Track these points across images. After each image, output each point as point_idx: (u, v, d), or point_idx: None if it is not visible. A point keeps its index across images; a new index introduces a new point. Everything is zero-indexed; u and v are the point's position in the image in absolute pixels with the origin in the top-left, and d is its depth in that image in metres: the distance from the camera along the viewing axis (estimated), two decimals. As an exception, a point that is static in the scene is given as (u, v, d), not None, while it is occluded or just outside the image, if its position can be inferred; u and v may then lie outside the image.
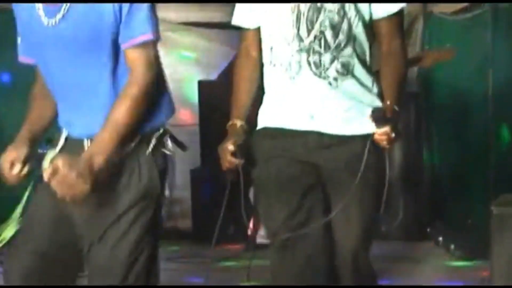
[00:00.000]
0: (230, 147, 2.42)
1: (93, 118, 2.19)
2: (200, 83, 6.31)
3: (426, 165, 6.25)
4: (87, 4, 2.20)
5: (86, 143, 2.18)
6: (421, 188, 6.19)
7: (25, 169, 2.23)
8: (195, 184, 6.31)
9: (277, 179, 2.48)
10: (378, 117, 2.33)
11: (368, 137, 2.40)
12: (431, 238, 5.77)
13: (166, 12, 5.59)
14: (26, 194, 2.38)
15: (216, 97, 2.44)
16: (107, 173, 2.12)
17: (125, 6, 2.18)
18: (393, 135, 2.32)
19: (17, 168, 2.19)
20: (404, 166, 6.07)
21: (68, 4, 2.18)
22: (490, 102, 5.56)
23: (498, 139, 5.67)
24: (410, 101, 5.99)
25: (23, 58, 2.38)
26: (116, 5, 2.17)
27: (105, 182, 2.12)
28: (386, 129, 2.31)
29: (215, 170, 2.68)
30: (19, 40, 2.38)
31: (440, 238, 5.62)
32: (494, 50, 5.54)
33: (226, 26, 4.34)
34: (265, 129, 2.52)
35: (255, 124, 2.58)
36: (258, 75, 2.59)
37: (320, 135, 2.44)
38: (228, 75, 4.16)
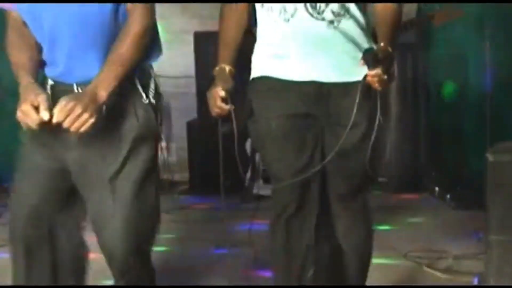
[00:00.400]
0: (221, 92, 2.41)
1: (88, 64, 2.20)
2: (196, 34, 6.30)
3: (423, 115, 6.25)
4: None
5: (76, 88, 2.19)
6: (418, 139, 6.20)
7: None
8: (191, 136, 6.33)
9: (277, 133, 2.47)
10: (370, 58, 2.29)
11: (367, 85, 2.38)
12: (428, 189, 5.83)
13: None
14: None
15: (212, 48, 2.44)
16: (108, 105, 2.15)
17: None
18: (385, 77, 2.27)
19: (45, 113, 2.09)
20: (401, 117, 6.13)
21: None
22: (487, 52, 5.57)
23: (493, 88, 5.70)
24: (407, 51, 6.01)
25: (3, 4, 2.33)
26: None
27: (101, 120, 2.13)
28: (378, 70, 2.25)
29: (211, 121, 2.66)
30: None
31: (436, 189, 5.69)
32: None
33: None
34: (265, 78, 2.50)
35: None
36: (246, 20, 2.56)
37: (319, 85, 2.42)
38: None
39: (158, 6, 2.35)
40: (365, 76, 2.28)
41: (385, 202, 5.61)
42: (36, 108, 2.06)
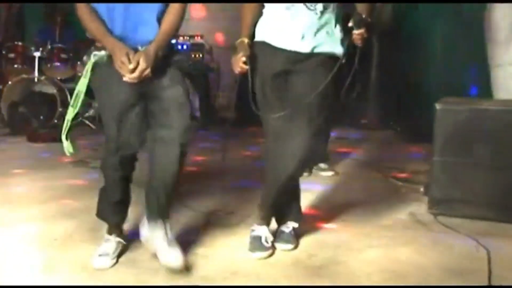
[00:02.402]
0: (242, 58, 2.38)
1: (140, 36, 2.22)
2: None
3: (395, 76, 6.17)
4: None
5: (140, 48, 2.18)
6: (389, 94, 6.17)
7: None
8: (238, 88, 6.50)
9: (266, 77, 2.43)
10: (357, 20, 2.29)
11: (333, 56, 2.36)
12: (395, 128, 5.93)
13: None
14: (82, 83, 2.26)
15: None
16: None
17: None
18: (365, 35, 2.29)
19: (132, 64, 2.14)
20: (379, 77, 6.27)
21: None
22: (440, 35, 5.64)
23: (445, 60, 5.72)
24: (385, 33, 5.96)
25: None
26: None
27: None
28: (362, 30, 2.28)
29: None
30: None
31: (398, 129, 5.80)
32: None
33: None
34: (263, 43, 2.44)
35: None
36: (259, 9, 2.49)
37: (303, 54, 2.38)
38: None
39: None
40: (351, 35, 2.28)
41: (365, 136, 5.77)
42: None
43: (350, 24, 2.31)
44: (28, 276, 2.24)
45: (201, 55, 6.62)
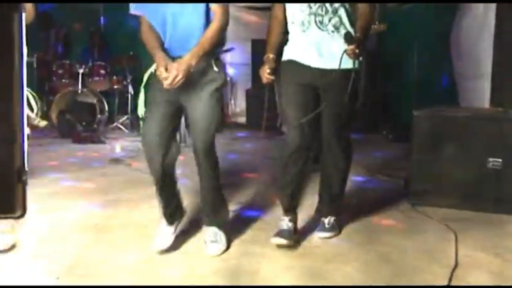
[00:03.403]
0: (268, 70, 2.36)
1: (187, 46, 2.15)
2: (252, 40, 6.41)
3: (380, 87, 6.19)
4: None
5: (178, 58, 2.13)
6: (376, 101, 6.16)
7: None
8: (248, 97, 6.45)
9: (294, 90, 2.41)
10: (348, 37, 2.23)
11: (348, 70, 2.26)
12: (381, 132, 5.88)
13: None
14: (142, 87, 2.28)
15: (261, 48, 2.53)
16: (195, 68, 2.12)
17: None
18: (357, 51, 2.20)
19: (166, 73, 2.09)
20: (367, 89, 6.24)
21: None
22: (417, 54, 5.64)
23: (421, 75, 5.72)
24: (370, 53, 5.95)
25: (135, 11, 2.25)
26: None
27: (192, 75, 2.11)
28: (353, 46, 2.20)
29: (259, 89, 2.60)
30: None
31: (384, 132, 5.78)
32: (419, 27, 5.54)
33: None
34: (290, 61, 2.42)
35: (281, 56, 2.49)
36: (282, 29, 2.47)
37: (322, 69, 2.35)
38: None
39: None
40: (345, 50, 2.22)
41: (356, 139, 5.80)
42: (166, 69, 2.08)
43: (343, 41, 2.27)
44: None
45: (225, 69, 6.65)
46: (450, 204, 3.03)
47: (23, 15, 1.30)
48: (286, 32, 2.50)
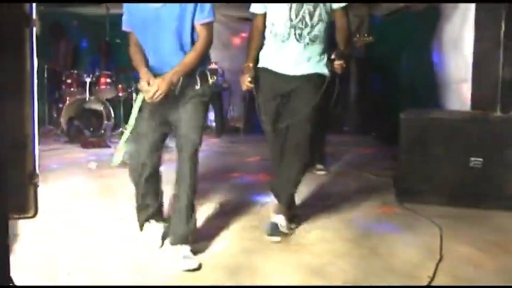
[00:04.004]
0: (248, 78, 2.39)
1: (170, 63, 2.11)
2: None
3: (370, 92, 6.21)
4: None
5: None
6: (366, 105, 6.18)
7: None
8: (244, 104, 6.45)
9: (268, 97, 2.43)
10: (339, 54, 2.30)
11: (322, 75, 2.35)
12: (371, 134, 5.89)
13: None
14: (136, 105, 2.19)
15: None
16: (176, 85, 2.08)
17: None
18: (344, 65, 2.29)
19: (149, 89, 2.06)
20: (357, 93, 6.31)
21: None
22: (403, 61, 5.67)
23: (407, 80, 5.78)
24: (360, 62, 6.00)
25: (126, 28, 2.22)
26: None
27: (174, 89, 2.08)
28: (341, 62, 2.28)
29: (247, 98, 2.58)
30: (124, 16, 2.21)
31: (374, 134, 5.82)
32: (405, 38, 5.56)
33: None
34: (265, 69, 2.44)
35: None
36: (262, 39, 2.49)
37: (295, 76, 2.39)
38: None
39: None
40: (329, 59, 2.28)
41: (348, 140, 5.73)
42: (148, 84, 2.05)
43: (332, 56, 2.33)
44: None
45: (215, 78, 6.66)
46: (436, 201, 3.03)
47: (34, 29, 1.29)
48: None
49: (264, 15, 2.47)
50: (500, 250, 2.29)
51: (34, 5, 1.28)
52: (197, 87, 2.18)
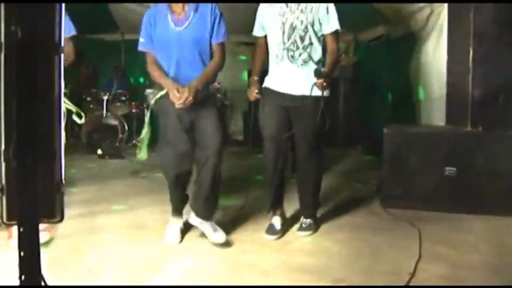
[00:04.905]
0: (255, 90, 2.43)
1: (191, 76, 2.20)
2: (248, 70, 6.20)
3: (356, 108, 6.14)
4: (199, 18, 2.19)
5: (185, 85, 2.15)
6: (353, 120, 6.16)
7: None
8: (244, 119, 6.42)
9: (269, 110, 2.41)
10: (317, 72, 2.22)
11: (318, 97, 2.26)
12: (357, 146, 5.86)
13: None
14: (148, 114, 2.32)
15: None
16: (200, 92, 2.16)
17: (216, 20, 2.21)
18: (325, 84, 2.20)
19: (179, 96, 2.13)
20: (345, 110, 6.30)
21: (189, 20, 2.19)
22: (386, 81, 5.67)
23: (390, 98, 5.79)
24: (347, 81, 6.03)
25: (143, 49, 2.26)
26: (212, 19, 2.20)
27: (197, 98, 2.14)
28: (321, 80, 2.20)
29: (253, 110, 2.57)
30: (141, 39, 2.24)
31: (360, 146, 5.79)
32: (387, 60, 5.57)
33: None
34: (267, 88, 2.46)
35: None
36: (265, 55, 2.49)
37: (292, 95, 2.38)
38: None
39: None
40: (314, 83, 2.22)
41: (335, 152, 5.61)
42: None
43: (310, 72, 2.26)
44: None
45: (219, 95, 6.68)
46: (415, 206, 3.03)
47: (62, 56, 1.33)
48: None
49: (265, 36, 2.48)
50: (471, 249, 2.30)
51: (62, 34, 1.32)
52: (213, 95, 2.32)
